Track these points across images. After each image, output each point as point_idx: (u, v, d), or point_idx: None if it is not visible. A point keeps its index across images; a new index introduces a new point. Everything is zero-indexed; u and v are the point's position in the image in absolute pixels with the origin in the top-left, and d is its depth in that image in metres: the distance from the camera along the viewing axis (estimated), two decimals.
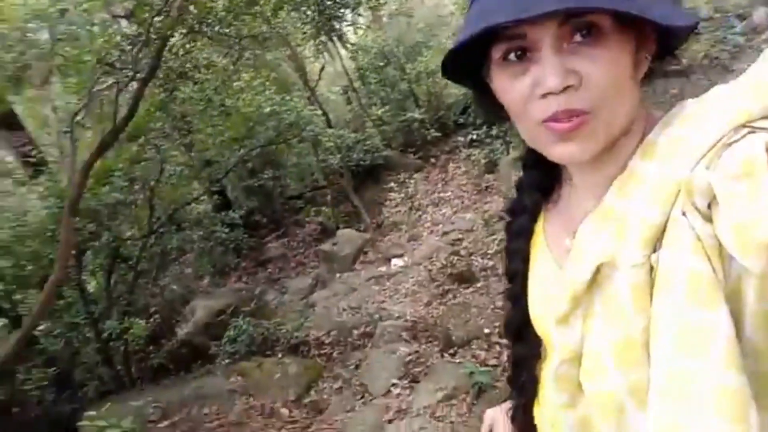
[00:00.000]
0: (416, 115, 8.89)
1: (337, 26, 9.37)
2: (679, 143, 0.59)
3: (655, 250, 0.58)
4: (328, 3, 8.45)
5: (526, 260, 0.82)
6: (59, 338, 5.17)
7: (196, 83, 6.35)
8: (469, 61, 0.67)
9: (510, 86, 0.62)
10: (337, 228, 7.75)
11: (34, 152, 6.65)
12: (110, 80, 5.59)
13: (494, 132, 7.12)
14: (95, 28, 5.88)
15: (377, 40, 9.55)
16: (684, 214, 0.56)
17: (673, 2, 0.63)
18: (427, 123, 8.96)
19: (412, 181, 8.11)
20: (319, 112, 8.52)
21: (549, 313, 0.71)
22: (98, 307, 5.43)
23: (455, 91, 8.77)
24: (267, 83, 7.55)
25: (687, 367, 0.52)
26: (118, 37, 5.33)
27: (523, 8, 0.55)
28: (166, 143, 6.68)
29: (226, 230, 7.18)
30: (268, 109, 7.05)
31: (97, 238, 5.49)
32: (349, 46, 10.04)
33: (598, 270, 0.63)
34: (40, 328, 5.29)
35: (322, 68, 9.72)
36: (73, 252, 5.11)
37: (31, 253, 5.27)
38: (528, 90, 0.61)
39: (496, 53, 0.63)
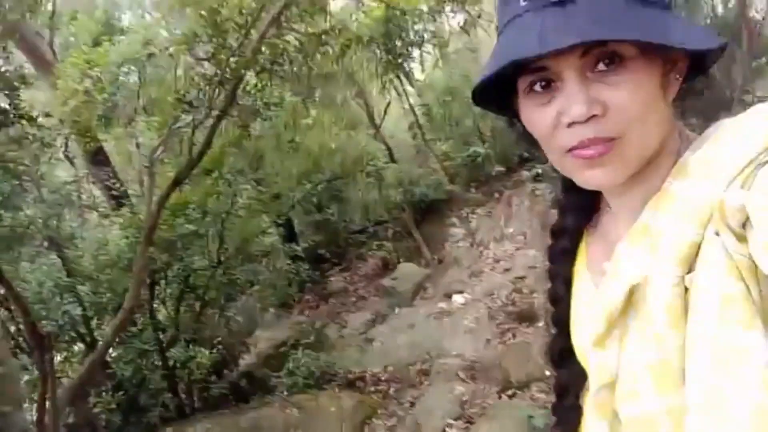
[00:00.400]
0: (480, 150, 8.85)
1: (404, 64, 9.55)
2: (713, 162, 0.58)
3: (689, 271, 0.57)
4: (396, 42, 8.66)
5: (568, 283, 0.80)
6: (129, 364, 5.40)
7: (266, 120, 6.62)
8: (499, 91, 0.68)
9: (537, 116, 0.63)
10: (398, 263, 7.75)
11: (117, 185, 7.09)
12: (188, 118, 5.93)
13: None
14: (179, 71, 6.30)
15: (443, 77, 9.65)
16: (717, 233, 0.55)
17: (697, 24, 0.62)
18: (492, 158, 8.89)
19: (474, 217, 8.02)
20: (383, 147, 8.65)
21: (588, 337, 0.70)
22: (166, 335, 5.65)
23: None
24: (334, 120, 7.78)
25: (723, 387, 0.52)
26: (197, 77, 5.65)
27: (544, 43, 0.56)
28: (238, 178, 6.98)
29: (289, 262, 7.34)
30: (333, 145, 7.24)
31: (170, 267, 5.75)
32: (415, 83, 10.19)
33: (632, 291, 0.62)
34: (113, 354, 5.57)
35: (388, 104, 9.91)
36: (147, 281, 5.38)
37: (108, 281, 5.58)
38: (554, 119, 0.61)
39: (522, 84, 0.64)
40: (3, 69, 4.60)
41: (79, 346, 5.54)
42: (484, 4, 7.23)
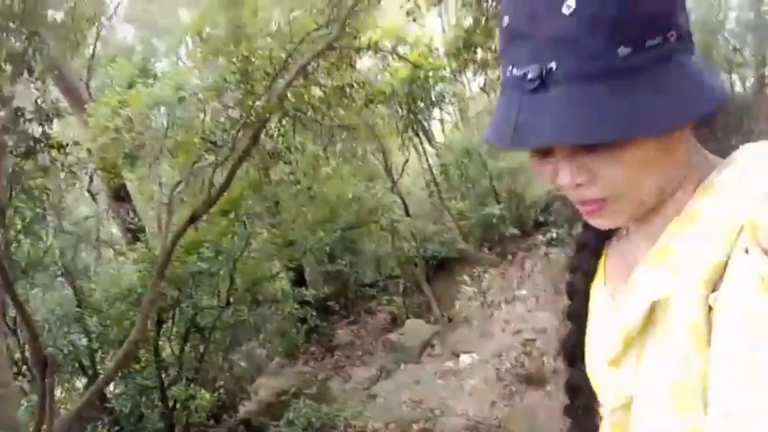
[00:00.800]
0: (495, 211, 8.88)
1: (425, 123, 9.79)
2: (741, 182, 0.58)
3: (714, 290, 0.56)
4: (419, 103, 8.92)
5: (589, 276, 0.80)
6: (128, 400, 5.31)
7: (287, 163, 6.74)
8: None
9: (540, 169, 0.66)
10: (407, 318, 7.65)
11: (135, 220, 7.17)
12: (210, 158, 6.07)
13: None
14: (207, 118, 6.51)
15: (462, 140, 9.83)
16: (747, 251, 0.53)
17: (699, 81, 0.59)
18: (507, 219, 8.91)
19: (486, 276, 7.96)
20: (399, 200, 8.73)
21: (600, 357, 0.69)
22: (169, 373, 5.57)
23: (537, 190, 8.74)
24: (353, 172, 7.90)
25: (748, 408, 0.50)
26: (222, 118, 5.81)
27: (518, 138, 0.58)
28: (254, 220, 7.04)
29: (297, 306, 7.28)
30: (350, 195, 7.33)
31: (178, 305, 5.73)
32: (434, 143, 10.39)
33: (652, 309, 0.60)
34: (114, 390, 5.48)
35: (406, 161, 10.07)
36: (155, 317, 5.35)
37: (117, 315, 5.57)
38: (552, 175, 0.64)
39: None
40: (40, 102, 4.78)
41: (81, 381, 5.48)
42: None
